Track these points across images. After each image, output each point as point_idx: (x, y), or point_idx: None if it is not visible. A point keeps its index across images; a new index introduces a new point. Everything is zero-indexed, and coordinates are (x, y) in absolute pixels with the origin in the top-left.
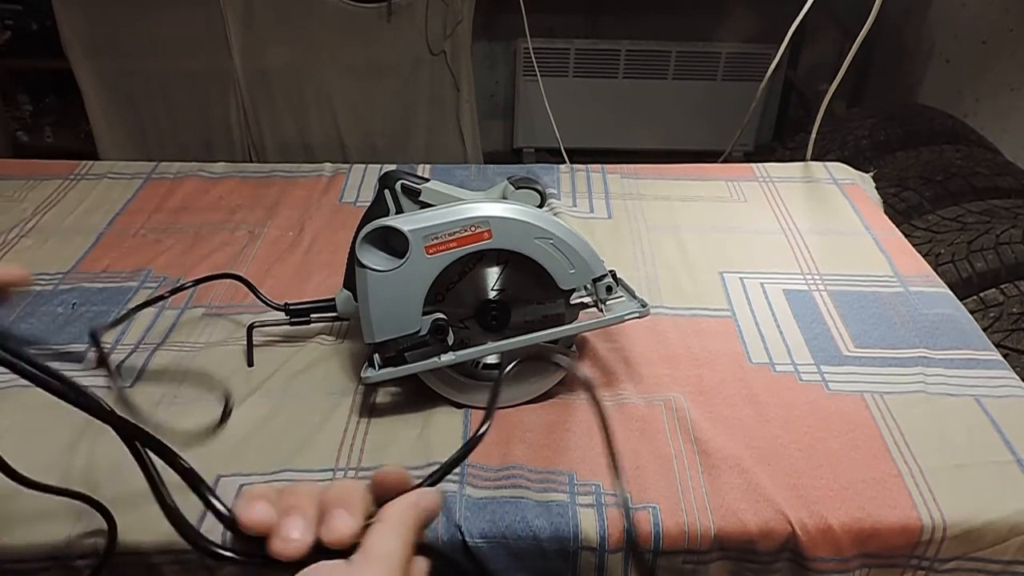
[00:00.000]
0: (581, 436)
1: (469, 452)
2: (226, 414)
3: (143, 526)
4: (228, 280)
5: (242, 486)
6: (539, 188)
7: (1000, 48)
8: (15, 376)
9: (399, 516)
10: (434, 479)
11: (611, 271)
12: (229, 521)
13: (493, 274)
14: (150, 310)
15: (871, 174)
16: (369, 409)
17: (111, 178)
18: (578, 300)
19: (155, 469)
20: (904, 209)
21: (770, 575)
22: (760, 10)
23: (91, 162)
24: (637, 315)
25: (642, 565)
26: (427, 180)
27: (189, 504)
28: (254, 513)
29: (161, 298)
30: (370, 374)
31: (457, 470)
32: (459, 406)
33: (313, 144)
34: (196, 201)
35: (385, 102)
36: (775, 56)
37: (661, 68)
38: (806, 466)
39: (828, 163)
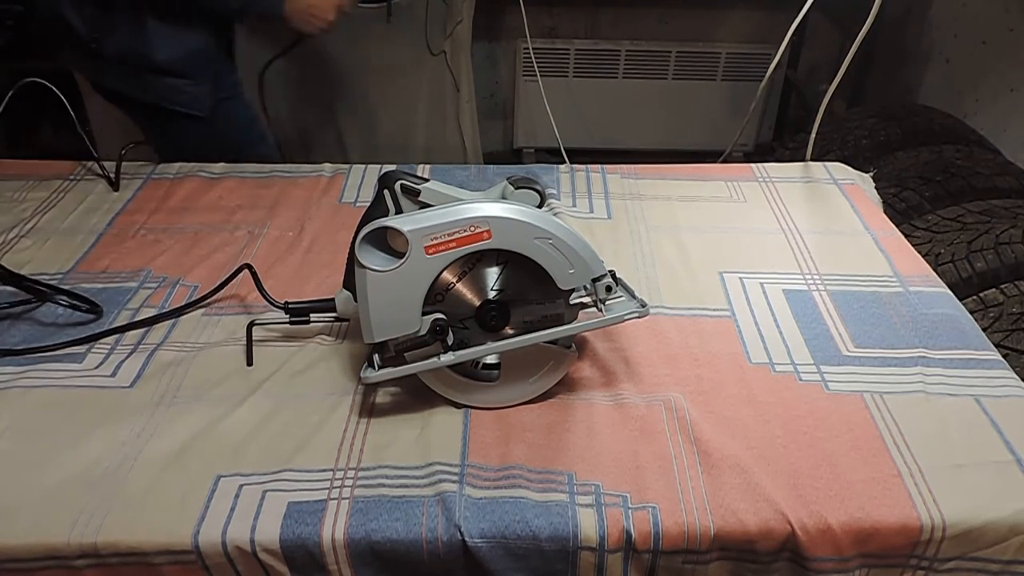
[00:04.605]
0: (580, 436)
1: None
2: None
3: (143, 526)
4: (229, 282)
5: (242, 486)
6: (539, 188)
7: (1000, 48)
8: (15, 376)
9: None
10: None
11: (610, 271)
12: None
13: (493, 274)
14: (150, 310)
15: (871, 174)
16: (369, 409)
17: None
18: (578, 300)
19: None
20: (904, 209)
21: (770, 575)
22: (760, 10)
23: (91, 162)
24: (637, 315)
25: (641, 565)
26: (427, 180)
27: (188, 503)
28: None
29: (188, 306)
30: (370, 374)
31: (457, 470)
32: (459, 406)
33: (313, 144)
34: (196, 201)
35: (385, 102)
36: (775, 56)
37: (661, 68)
38: (806, 466)
39: (828, 163)
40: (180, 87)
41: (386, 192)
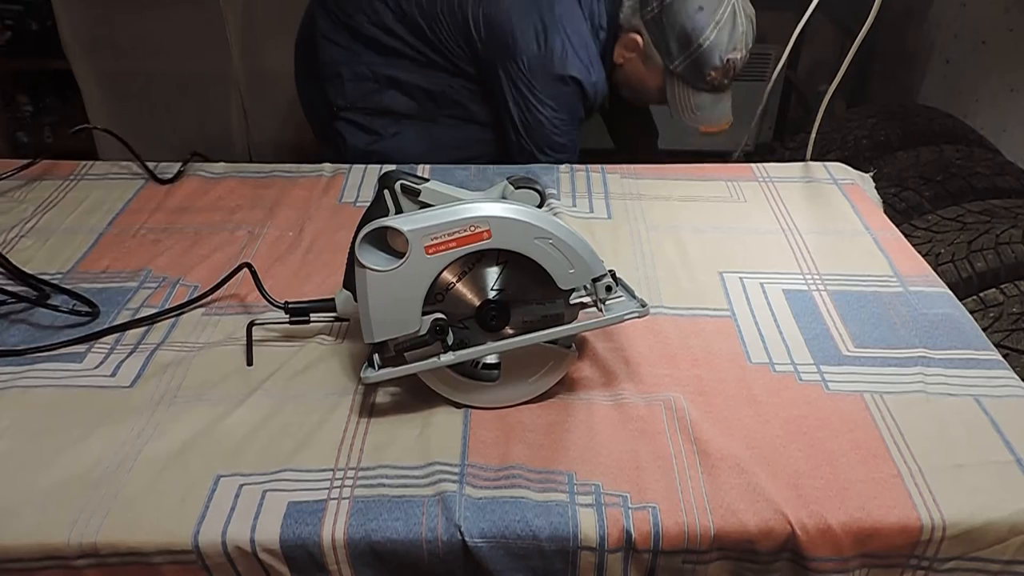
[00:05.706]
0: (581, 436)
1: None
2: None
3: (143, 526)
4: (228, 281)
5: (242, 486)
6: (539, 188)
7: (1000, 48)
8: (15, 376)
9: None
10: None
11: (610, 271)
12: None
13: (493, 274)
14: (150, 310)
15: (871, 174)
16: (369, 409)
17: (111, 178)
18: (577, 300)
19: None
20: (904, 209)
21: (770, 575)
22: (760, 10)
23: (91, 162)
24: (637, 315)
25: (641, 565)
26: (427, 180)
27: (189, 502)
28: None
29: (187, 304)
30: (369, 374)
31: (457, 470)
32: (459, 406)
33: (313, 144)
34: (196, 201)
35: None
36: (775, 56)
37: None
38: (806, 466)
39: (828, 163)
40: (326, 133)
41: (386, 192)
